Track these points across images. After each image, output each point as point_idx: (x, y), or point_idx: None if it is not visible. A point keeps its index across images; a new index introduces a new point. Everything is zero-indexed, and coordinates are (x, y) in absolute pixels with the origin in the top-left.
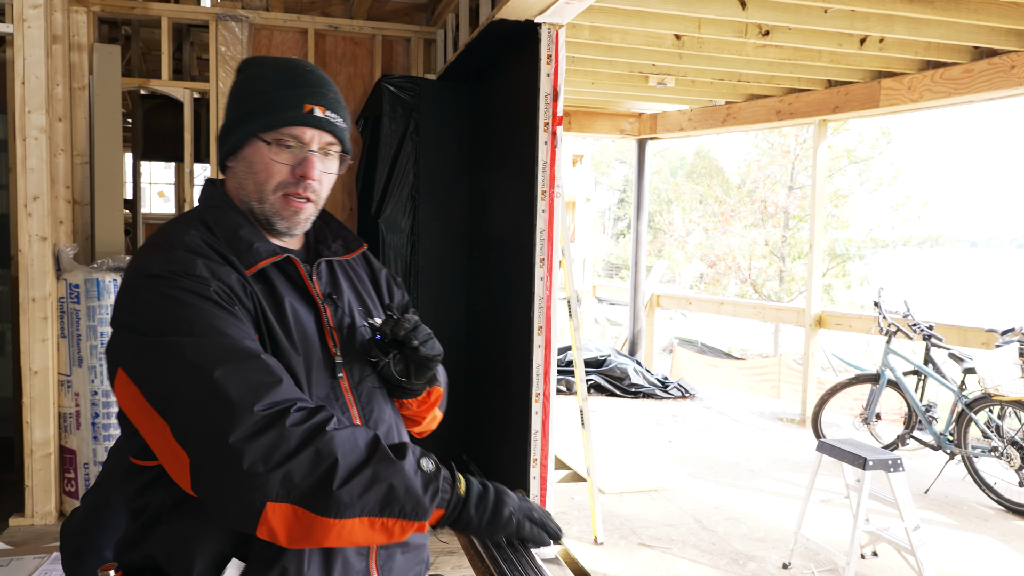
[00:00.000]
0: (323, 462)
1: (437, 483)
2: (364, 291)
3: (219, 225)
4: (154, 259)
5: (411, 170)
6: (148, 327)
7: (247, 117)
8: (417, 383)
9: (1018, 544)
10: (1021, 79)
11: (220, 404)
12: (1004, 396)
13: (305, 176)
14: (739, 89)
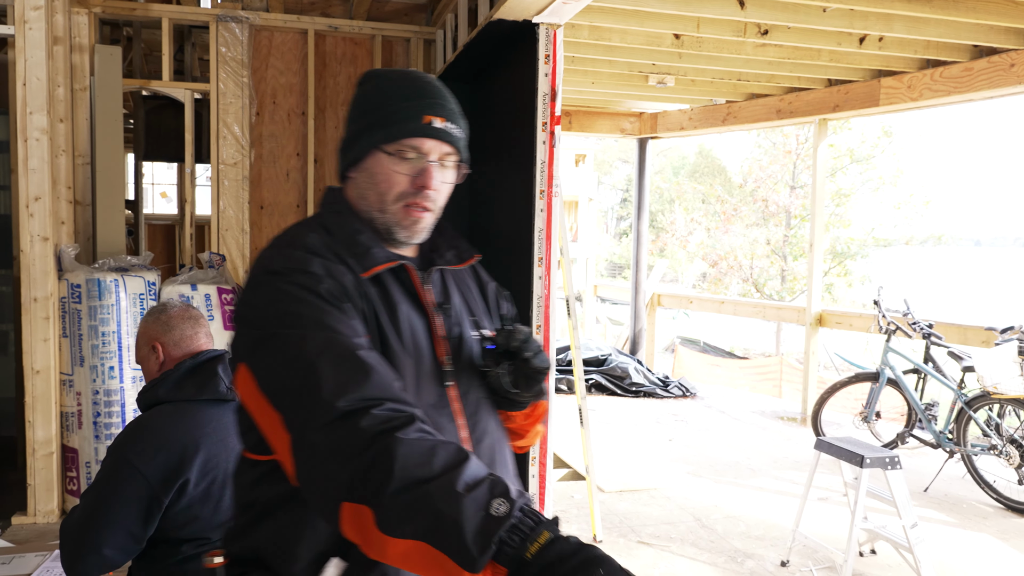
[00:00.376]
0: (381, 467)
1: (496, 533)
2: (473, 302)
3: (339, 230)
4: (275, 257)
5: None
6: (262, 320)
7: (369, 129)
8: (526, 395)
9: (1017, 542)
10: (1021, 77)
11: (311, 397)
12: (1003, 394)
13: (424, 186)
14: (739, 88)
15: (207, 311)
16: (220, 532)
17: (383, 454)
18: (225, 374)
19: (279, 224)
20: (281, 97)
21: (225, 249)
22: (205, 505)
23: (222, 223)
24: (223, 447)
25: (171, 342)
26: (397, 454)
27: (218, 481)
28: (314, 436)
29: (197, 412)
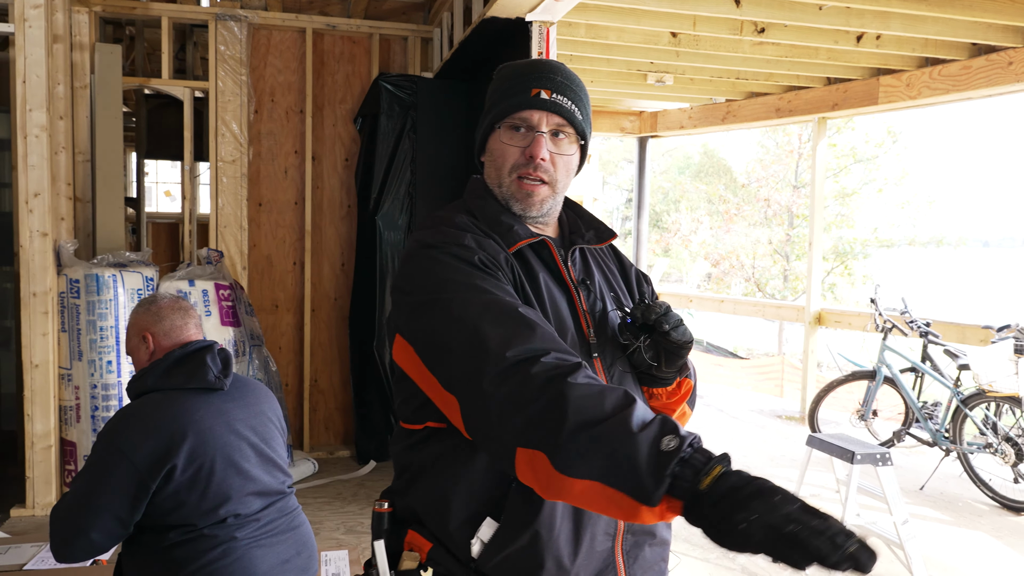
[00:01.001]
0: (555, 410)
1: (669, 467)
2: (615, 281)
3: (482, 212)
4: (429, 234)
5: (408, 167)
6: (420, 288)
7: (488, 112)
8: (668, 371)
9: (1011, 540)
10: (1019, 75)
11: (480, 351)
12: (998, 392)
13: (534, 155)
14: (738, 87)
15: (204, 307)
16: (207, 519)
17: (557, 398)
18: (213, 363)
19: (277, 221)
20: (279, 95)
21: (223, 246)
22: (192, 492)
23: (220, 220)
24: (211, 435)
25: (161, 332)
26: (570, 397)
27: (205, 468)
28: (488, 387)
29: (186, 400)
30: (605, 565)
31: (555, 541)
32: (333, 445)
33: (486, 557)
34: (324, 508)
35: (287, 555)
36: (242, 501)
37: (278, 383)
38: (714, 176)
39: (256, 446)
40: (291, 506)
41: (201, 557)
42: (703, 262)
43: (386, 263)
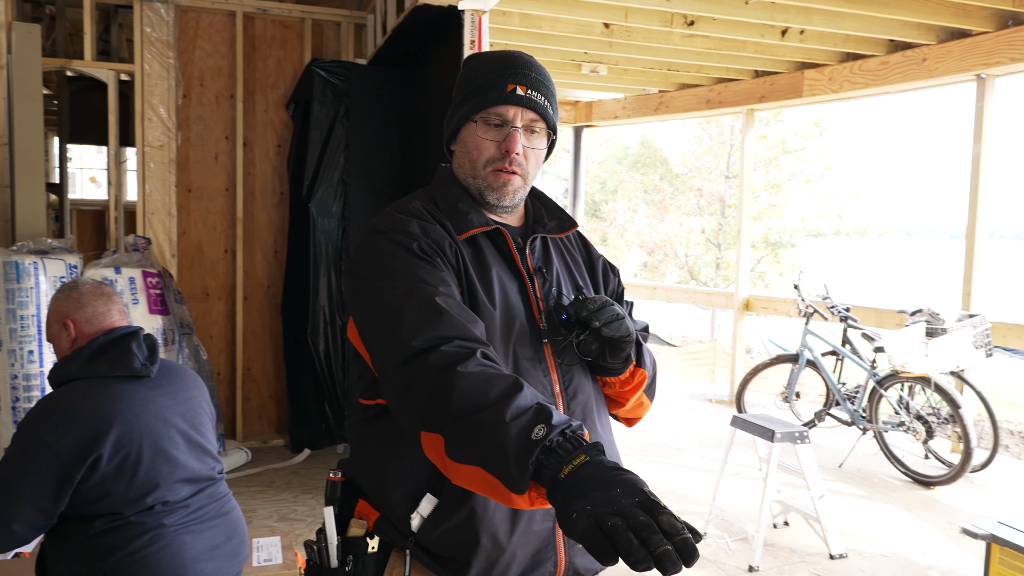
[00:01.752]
0: (440, 400)
1: (532, 455)
2: (577, 272)
3: (443, 199)
4: (381, 219)
5: (342, 154)
6: (361, 273)
7: (462, 103)
8: (614, 363)
9: (920, 511)
10: (932, 71)
11: (392, 337)
12: (910, 373)
13: (509, 150)
14: (670, 78)
15: (131, 295)
16: (134, 507)
17: (444, 386)
18: (139, 350)
19: (208, 208)
20: (209, 79)
21: (151, 233)
22: (118, 481)
23: (148, 206)
24: (137, 423)
25: (83, 319)
26: (456, 386)
27: (132, 457)
28: (392, 373)
29: (111, 388)
30: (544, 544)
31: (491, 518)
32: (267, 434)
33: (425, 531)
34: (257, 496)
35: (217, 541)
36: (171, 488)
37: (209, 372)
38: (651, 166)
39: (185, 432)
40: (221, 492)
41: (127, 545)
42: (639, 251)
43: (319, 250)
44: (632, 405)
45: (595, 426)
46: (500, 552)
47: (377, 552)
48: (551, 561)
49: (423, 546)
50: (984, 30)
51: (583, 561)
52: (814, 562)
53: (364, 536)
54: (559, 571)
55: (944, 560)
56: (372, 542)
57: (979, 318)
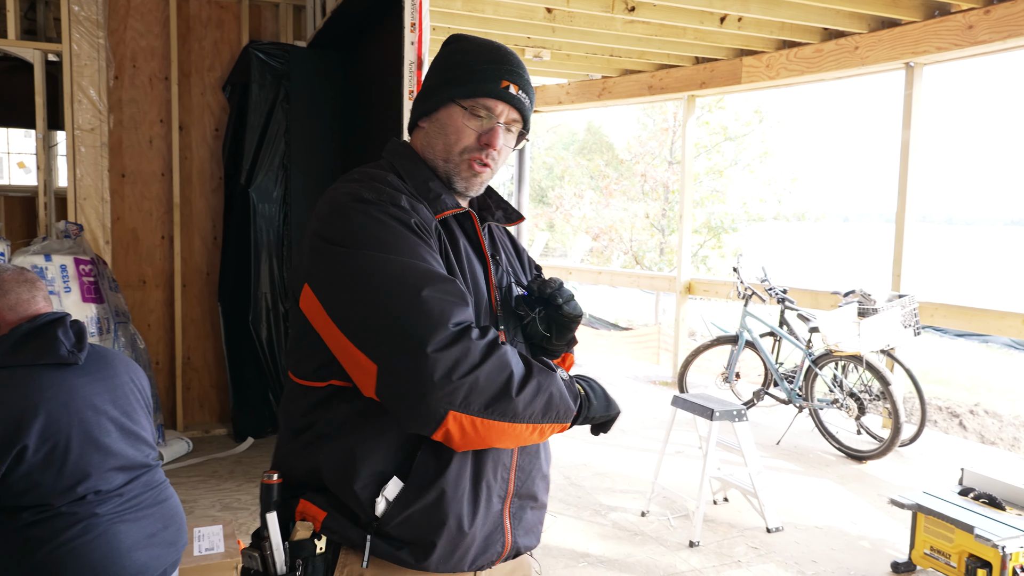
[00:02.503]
0: (503, 372)
1: (575, 388)
2: (513, 260)
3: (410, 176)
4: (364, 188)
5: (282, 138)
6: (354, 242)
7: (449, 84)
8: (558, 343)
9: (853, 485)
10: (864, 59)
11: (423, 318)
12: (843, 352)
13: (490, 144)
14: (613, 64)
15: (63, 282)
16: (64, 497)
17: (502, 361)
18: (65, 337)
19: (143, 193)
20: (142, 61)
21: (83, 219)
22: (46, 471)
23: (80, 192)
24: (65, 411)
25: (6, 306)
26: (510, 359)
27: (60, 446)
28: (433, 352)
29: (36, 377)
30: (495, 526)
31: (458, 500)
32: (209, 423)
33: (390, 516)
34: (199, 486)
35: (153, 529)
36: (103, 477)
37: (147, 361)
38: (597, 152)
39: (117, 420)
40: (157, 480)
41: (59, 536)
42: (585, 236)
43: (260, 236)
44: None
45: None
46: (463, 534)
47: (325, 552)
48: (499, 542)
49: (383, 533)
50: (912, 20)
51: (524, 540)
52: (752, 536)
53: (311, 538)
54: (505, 551)
55: (875, 530)
56: (320, 543)
57: (907, 298)
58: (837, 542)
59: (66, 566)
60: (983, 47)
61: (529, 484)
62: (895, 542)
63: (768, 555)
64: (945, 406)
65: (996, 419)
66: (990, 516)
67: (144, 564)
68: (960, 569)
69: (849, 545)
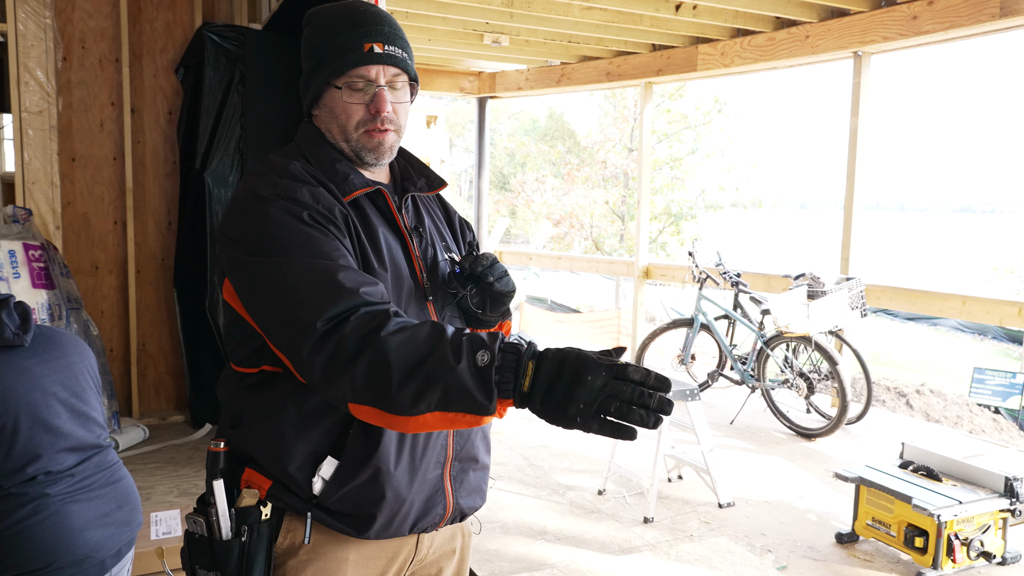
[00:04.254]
0: (378, 368)
1: (491, 380)
2: (443, 227)
3: (318, 160)
4: (263, 183)
5: (238, 122)
6: (249, 243)
7: (317, 68)
8: (492, 316)
9: (802, 462)
10: (815, 48)
11: (294, 320)
12: (793, 333)
13: (379, 111)
14: (571, 50)
15: (12, 268)
16: (13, 479)
17: (377, 353)
18: (10, 319)
19: (94, 178)
20: (91, 42)
21: (32, 203)
22: None
23: (28, 176)
24: (12, 394)
25: None
26: (389, 349)
27: (7, 429)
28: (307, 356)
29: None
30: (435, 490)
31: (394, 474)
32: (166, 410)
33: (327, 493)
34: (156, 473)
35: (106, 509)
36: (53, 458)
37: (101, 348)
38: (558, 138)
39: (66, 401)
40: (110, 460)
41: (8, 516)
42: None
43: (216, 221)
44: None
45: None
46: (401, 503)
47: (270, 519)
48: (441, 504)
49: (324, 507)
50: (860, 10)
51: (467, 501)
52: (704, 511)
53: (257, 504)
54: (447, 513)
55: (821, 504)
56: (265, 510)
57: (855, 281)
58: (785, 516)
59: (17, 546)
60: (927, 37)
61: (469, 447)
62: (840, 514)
63: (719, 529)
64: (893, 386)
65: (941, 398)
66: (928, 487)
67: (97, 543)
68: (899, 538)
69: (797, 518)
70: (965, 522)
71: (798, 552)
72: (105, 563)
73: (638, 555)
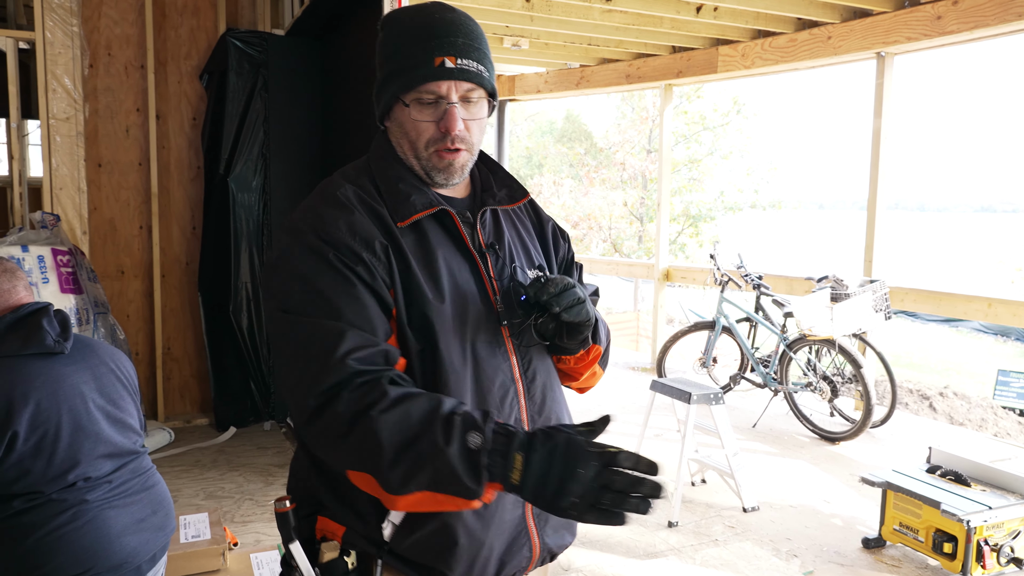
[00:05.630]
0: (367, 447)
1: (481, 465)
2: (530, 241)
3: (382, 177)
4: (306, 209)
5: (261, 127)
6: (270, 280)
7: (388, 80)
8: (570, 344)
9: (826, 465)
10: (837, 49)
11: (295, 391)
12: (817, 336)
13: (449, 130)
14: (591, 53)
15: (41, 273)
16: (54, 484)
17: (367, 434)
18: (50, 326)
19: (120, 183)
20: (117, 49)
21: (60, 209)
22: (37, 459)
23: (55, 182)
24: (54, 400)
25: None
26: (380, 429)
27: (50, 435)
28: (303, 429)
29: (23, 366)
30: (517, 532)
31: (464, 520)
32: (190, 413)
33: (398, 539)
34: (182, 476)
35: (142, 514)
36: (92, 464)
37: (127, 352)
38: (576, 140)
39: (104, 408)
40: (145, 466)
41: (49, 522)
42: (564, 224)
43: (240, 226)
44: (586, 377)
45: (553, 404)
46: (478, 549)
47: (358, 567)
48: (526, 546)
49: (397, 554)
50: (883, 10)
51: (554, 539)
52: (729, 515)
53: (340, 556)
54: (535, 555)
55: (847, 508)
56: (349, 560)
57: (879, 283)
58: (811, 520)
59: (57, 552)
60: (951, 37)
61: None
62: (866, 519)
63: (744, 533)
64: (916, 389)
65: (965, 401)
66: (956, 492)
67: (134, 549)
68: (928, 543)
69: (822, 523)
70: (995, 528)
71: (824, 557)
72: (141, 568)
73: (663, 559)
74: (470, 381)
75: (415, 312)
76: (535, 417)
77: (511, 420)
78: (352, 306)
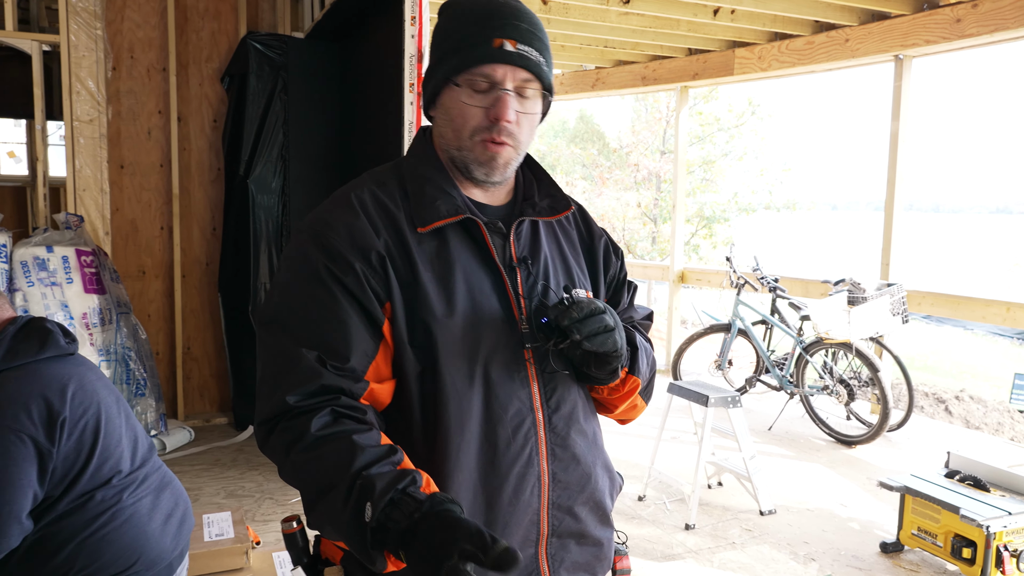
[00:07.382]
0: (296, 483)
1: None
2: (573, 257)
3: (411, 177)
4: (320, 210)
5: (280, 129)
6: (273, 284)
7: (440, 61)
8: (599, 373)
9: (843, 469)
10: (854, 52)
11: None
12: (833, 339)
13: (499, 118)
14: (607, 55)
15: (65, 273)
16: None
17: (294, 470)
18: (56, 329)
19: (141, 184)
20: (139, 52)
21: (83, 210)
22: (79, 454)
23: (79, 183)
24: (85, 395)
25: None
26: (297, 470)
27: (89, 428)
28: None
29: (47, 369)
30: (528, 573)
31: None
32: (209, 412)
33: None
34: (203, 475)
35: (168, 510)
36: (122, 458)
37: (148, 351)
38: (589, 141)
39: (120, 402)
40: (159, 462)
41: (92, 523)
42: None
43: (259, 227)
44: (623, 409)
45: (579, 438)
46: None
47: None
48: None
49: None
50: (901, 13)
51: None
52: (745, 518)
53: None
54: None
55: (864, 512)
56: None
57: (896, 287)
58: (828, 524)
59: (102, 552)
60: (971, 40)
61: (570, 522)
62: (883, 523)
63: (761, 537)
64: (931, 392)
65: (981, 404)
66: (975, 497)
67: (168, 544)
68: (946, 548)
69: (839, 527)
70: (1015, 533)
71: (842, 561)
72: (172, 564)
73: (680, 562)
74: (478, 407)
75: (418, 326)
76: (555, 451)
77: (526, 453)
78: (328, 323)
